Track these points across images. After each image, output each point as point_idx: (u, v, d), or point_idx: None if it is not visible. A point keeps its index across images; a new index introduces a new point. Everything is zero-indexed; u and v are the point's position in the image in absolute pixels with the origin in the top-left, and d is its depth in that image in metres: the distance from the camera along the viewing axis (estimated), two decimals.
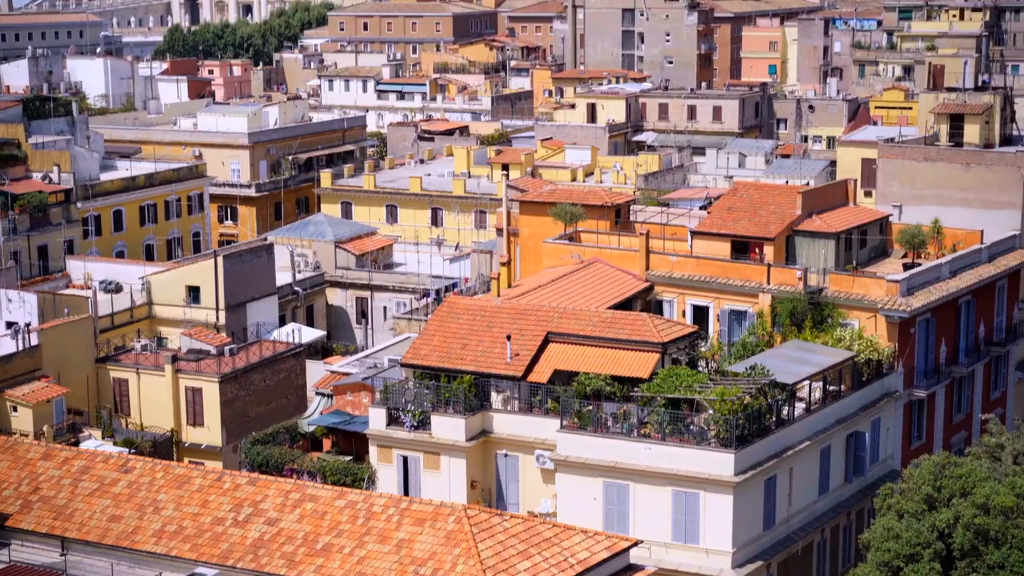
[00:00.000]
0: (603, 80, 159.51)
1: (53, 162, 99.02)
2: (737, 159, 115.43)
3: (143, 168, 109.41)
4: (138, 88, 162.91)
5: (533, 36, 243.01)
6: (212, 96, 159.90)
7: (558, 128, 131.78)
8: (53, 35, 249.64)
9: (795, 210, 64.97)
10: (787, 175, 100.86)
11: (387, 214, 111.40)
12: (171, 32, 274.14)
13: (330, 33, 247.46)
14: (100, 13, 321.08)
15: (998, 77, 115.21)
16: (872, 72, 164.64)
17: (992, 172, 74.81)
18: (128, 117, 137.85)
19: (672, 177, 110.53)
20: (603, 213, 69.75)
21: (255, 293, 79.20)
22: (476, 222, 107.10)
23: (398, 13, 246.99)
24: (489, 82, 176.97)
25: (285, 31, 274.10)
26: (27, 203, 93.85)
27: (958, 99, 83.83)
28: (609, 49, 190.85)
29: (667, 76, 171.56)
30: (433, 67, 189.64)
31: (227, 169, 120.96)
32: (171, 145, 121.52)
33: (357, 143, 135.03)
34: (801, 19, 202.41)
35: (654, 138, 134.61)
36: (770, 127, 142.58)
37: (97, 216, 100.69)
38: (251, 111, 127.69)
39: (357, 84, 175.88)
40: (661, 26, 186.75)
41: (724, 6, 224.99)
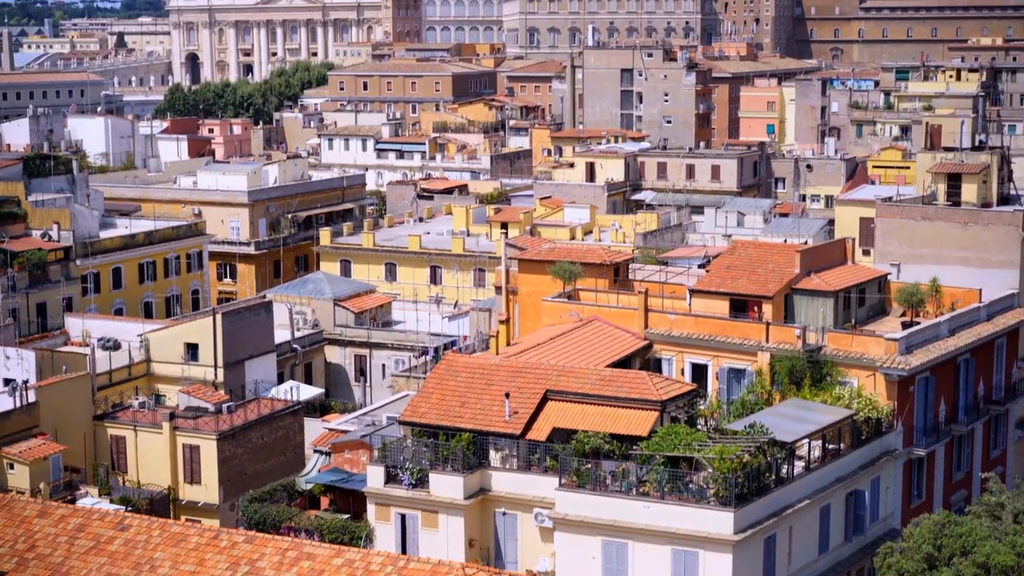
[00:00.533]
0: (602, 139, 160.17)
1: (53, 220, 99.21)
2: (736, 218, 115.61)
3: (142, 226, 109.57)
4: (138, 146, 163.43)
5: (532, 96, 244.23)
6: (212, 155, 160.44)
7: (557, 187, 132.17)
8: (54, 94, 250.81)
9: (793, 269, 65.03)
10: (785, 234, 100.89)
11: (386, 272, 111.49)
12: (172, 91, 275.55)
13: (330, 92, 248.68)
14: (101, 72, 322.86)
15: (995, 137, 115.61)
16: (870, 132, 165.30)
17: (990, 231, 74.90)
18: (128, 175, 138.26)
19: (671, 236, 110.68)
20: (602, 271, 69.75)
21: (253, 351, 79.07)
22: (475, 280, 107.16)
23: (398, 73, 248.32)
24: (488, 141, 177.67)
25: (285, 90, 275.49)
26: (26, 260, 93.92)
27: (955, 159, 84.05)
28: (608, 109, 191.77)
29: (666, 135, 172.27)
30: (432, 126, 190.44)
31: (226, 227, 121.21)
32: (171, 203, 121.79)
33: (356, 201, 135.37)
34: (799, 80, 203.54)
35: (653, 197, 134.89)
36: (768, 186, 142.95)
37: (96, 274, 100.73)
38: (251, 169, 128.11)
39: (357, 143, 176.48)
40: (659, 86, 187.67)
41: (722, 66, 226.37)
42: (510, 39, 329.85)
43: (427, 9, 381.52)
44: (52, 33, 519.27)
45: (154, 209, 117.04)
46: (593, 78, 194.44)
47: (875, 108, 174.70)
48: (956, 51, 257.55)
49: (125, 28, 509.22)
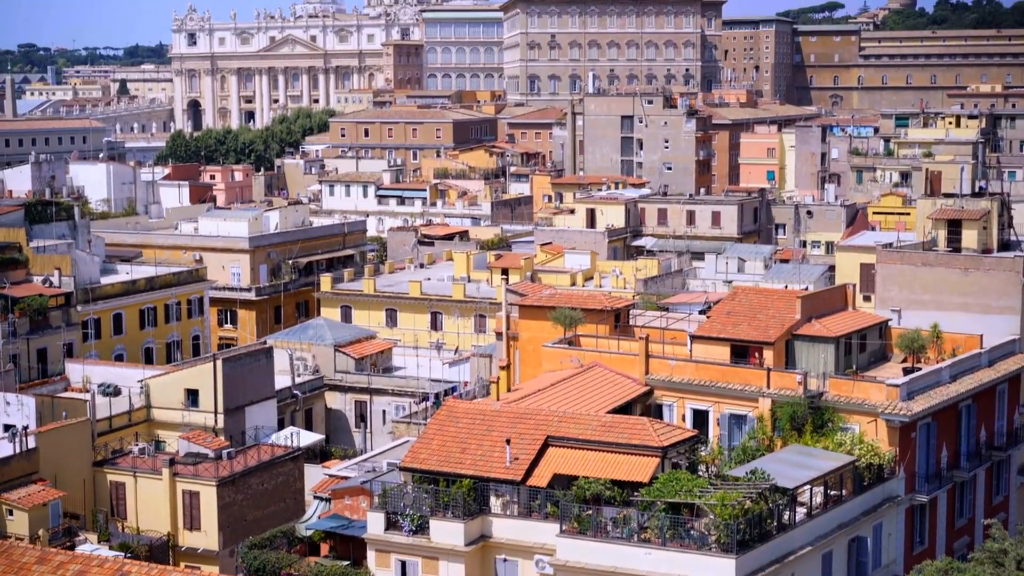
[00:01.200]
0: (602, 186, 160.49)
1: (54, 266, 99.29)
2: (736, 264, 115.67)
3: (143, 272, 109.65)
4: (140, 193, 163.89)
5: (533, 142, 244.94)
6: (213, 201, 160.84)
7: (557, 233, 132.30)
8: (57, 141, 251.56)
9: (794, 314, 65.03)
10: (786, 280, 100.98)
11: (387, 318, 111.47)
12: (174, 138, 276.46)
13: (331, 139, 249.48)
14: (104, 119, 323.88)
15: (995, 183, 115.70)
16: (870, 178, 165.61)
17: (990, 277, 74.91)
18: (129, 221, 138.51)
19: (671, 282, 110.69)
20: (602, 317, 69.76)
21: (254, 396, 78.93)
22: (476, 326, 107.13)
23: (399, 120, 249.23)
24: (489, 187, 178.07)
25: (287, 137, 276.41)
26: (27, 306, 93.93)
27: (955, 205, 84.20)
28: (608, 155, 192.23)
29: (666, 182, 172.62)
30: (433, 172, 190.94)
31: (227, 273, 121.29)
32: (172, 249, 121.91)
33: (357, 247, 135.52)
34: (799, 126, 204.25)
35: (653, 243, 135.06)
36: (769, 232, 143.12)
37: (97, 319, 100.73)
38: (252, 216, 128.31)
39: (358, 189, 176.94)
40: (660, 133, 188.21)
41: (722, 113, 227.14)
42: (511, 86, 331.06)
43: (428, 57, 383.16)
44: (55, 80, 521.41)
45: (155, 255, 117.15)
46: (593, 125, 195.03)
47: (875, 154, 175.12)
48: (955, 98, 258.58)
49: (128, 75, 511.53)
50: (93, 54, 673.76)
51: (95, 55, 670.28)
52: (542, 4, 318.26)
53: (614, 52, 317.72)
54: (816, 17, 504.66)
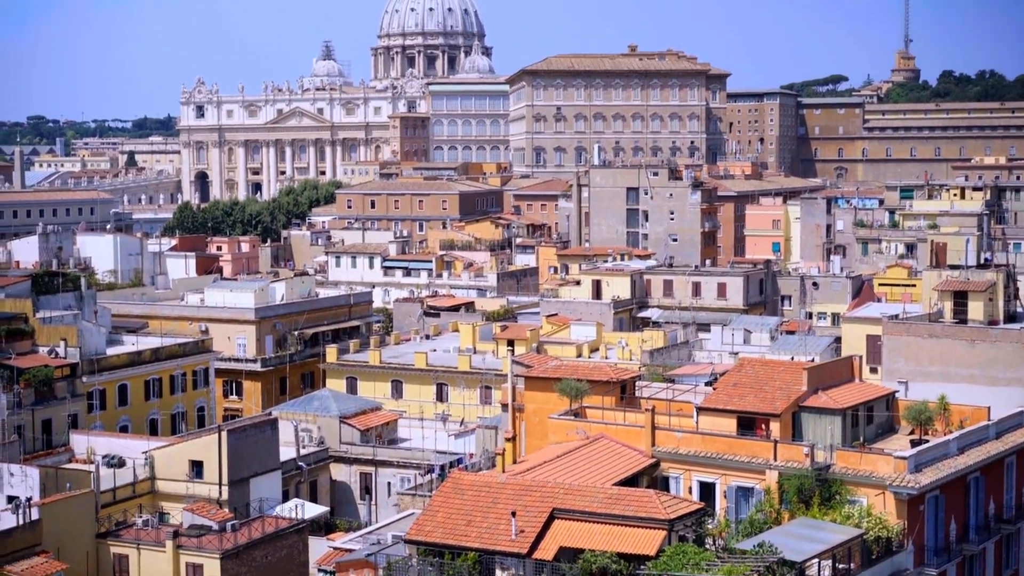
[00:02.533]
0: (608, 257, 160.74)
1: (60, 336, 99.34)
2: (742, 335, 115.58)
3: (149, 343, 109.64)
4: (147, 264, 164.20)
5: (538, 214, 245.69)
6: (220, 272, 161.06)
7: (563, 304, 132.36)
8: (65, 212, 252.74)
9: (801, 386, 64.84)
10: (792, 351, 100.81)
11: (392, 389, 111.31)
12: (181, 209, 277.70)
13: (338, 210, 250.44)
14: (111, 191, 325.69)
15: (1000, 255, 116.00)
16: (875, 250, 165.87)
17: (997, 349, 74.79)
18: (136, 292, 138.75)
19: (677, 353, 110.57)
20: (608, 389, 69.59)
21: (258, 468, 78.66)
22: (481, 398, 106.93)
23: (405, 191, 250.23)
24: (495, 259, 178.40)
25: (294, 208, 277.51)
26: (32, 377, 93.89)
27: (961, 276, 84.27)
28: (614, 227, 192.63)
29: (671, 253, 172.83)
30: (439, 244, 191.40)
31: (233, 344, 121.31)
32: (178, 320, 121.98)
33: (363, 319, 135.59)
34: (804, 198, 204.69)
35: (659, 314, 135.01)
36: (775, 304, 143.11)
37: (102, 390, 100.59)
38: (258, 287, 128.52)
39: (364, 260, 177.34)
40: (665, 204, 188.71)
41: (727, 185, 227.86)
42: (517, 158, 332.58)
43: (434, 129, 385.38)
44: (64, 152, 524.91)
45: (161, 326, 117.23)
46: (599, 196, 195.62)
47: (880, 226, 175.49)
48: (960, 170, 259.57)
49: (136, 147, 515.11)
50: (102, 126, 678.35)
51: (104, 127, 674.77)
52: (548, 77, 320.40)
53: (619, 124, 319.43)
54: (820, 90, 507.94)
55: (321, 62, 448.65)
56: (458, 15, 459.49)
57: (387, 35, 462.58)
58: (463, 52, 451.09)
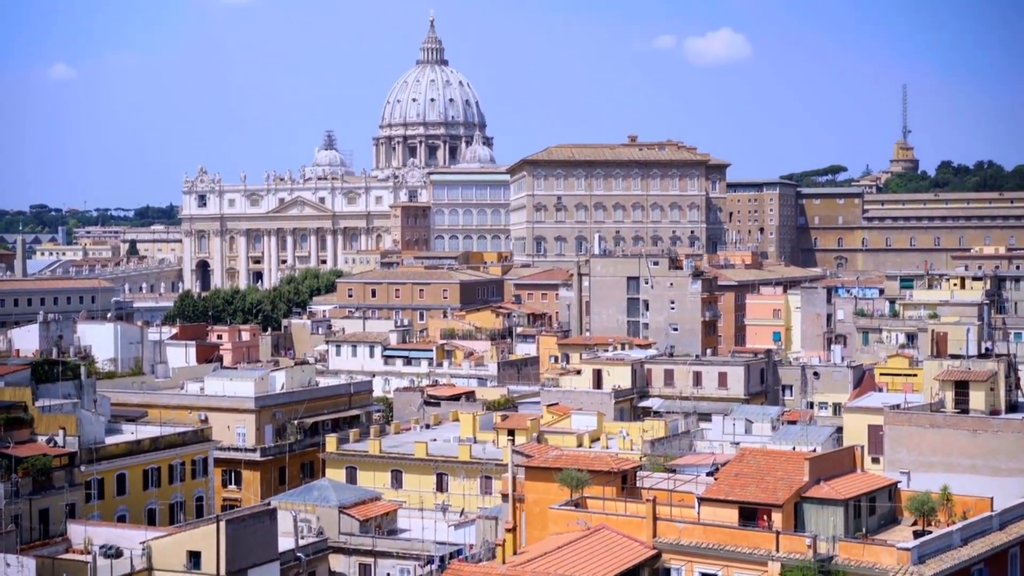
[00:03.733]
0: (608, 346, 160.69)
1: (59, 425, 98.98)
2: (743, 425, 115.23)
3: (148, 432, 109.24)
4: (147, 352, 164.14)
5: (539, 303, 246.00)
6: (220, 360, 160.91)
7: (564, 394, 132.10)
8: (66, 300, 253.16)
9: (803, 476, 64.58)
10: (794, 441, 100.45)
11: (392, 479, 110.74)
12: (182, 298, 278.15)
13: (339, 299, 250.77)
14: (113, 279, 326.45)
15: (1001, 344, 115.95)
16: (876, 339, 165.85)
17: (999, 439, 74.56)
18: (136, 381, 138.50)
19: (678, 443, 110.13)
20: (609, 479, 69.29)
21: (257, 559, 77.99)
22: (481, 488, 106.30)
23: (406, 280, 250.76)
24: (495, 348, 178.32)
25: (295, 297, 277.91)
26: (31, 466, 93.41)
27: (962, 366, 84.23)
28: (614, 316, 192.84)
29: (672, 343, 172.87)
30: (440, 333, 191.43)
31: (232, 433, 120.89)
32: (177, 409, 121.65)
33: (363, 408, 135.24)
34: (804, 288, 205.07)
35: (660, 404, 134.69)
36: (776, 393, 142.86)
37: (100, 480, 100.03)
38: (258, 376, 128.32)
39: (364, 349, 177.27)
40: (666, 294, 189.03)
41: (727, 275, 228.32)
42: (517, 247, 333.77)
43: (435, 218, 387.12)
44: (66, 240, 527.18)
45: (160, 415, 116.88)
46: (599, 285, 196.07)
47: (880, 316, 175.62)
48: (959, 260, 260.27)
49: (138, 235, 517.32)
50: (104, 215, 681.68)
51: (106, 216, 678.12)
52: (548, 167, 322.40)
53: (620, 214, 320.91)
54: (819, 180, 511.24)
55: (323, 151, 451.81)
56: (459, 106, 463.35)
57: (389, 125, 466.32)
58: (464, 142, 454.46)
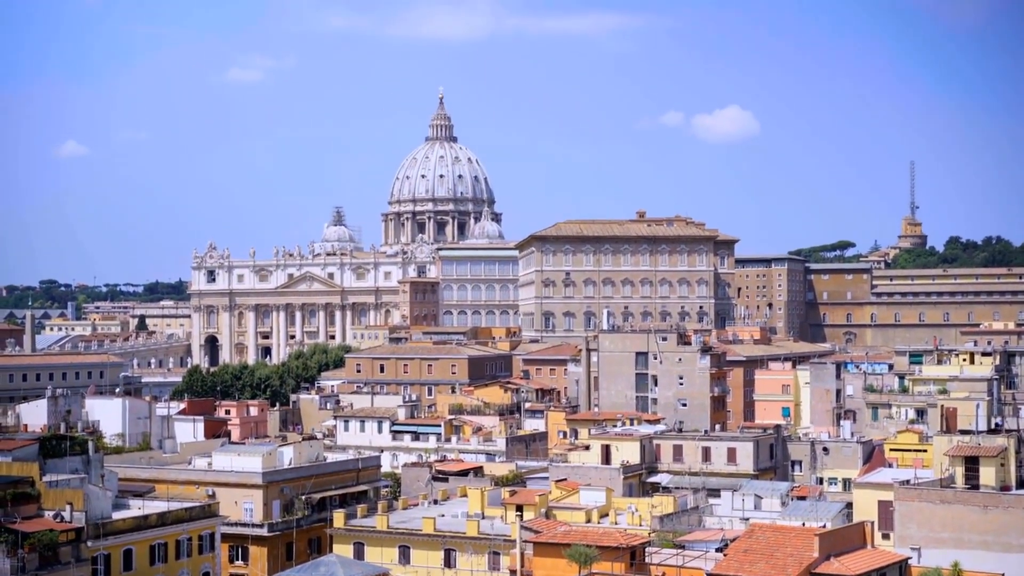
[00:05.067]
0: (617, 422, 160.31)
1: (66, 500, 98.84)
2: (753, 501, 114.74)
3: (155, 507, 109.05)
4: (155, 427, 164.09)
5: (547, 378, 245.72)
6: (228, 436, 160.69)
7: (572, 469, 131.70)
8: (74, 375, 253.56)
9: (812, 552, 64.29)
10: (803, 517, 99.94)
11: (399, 555, 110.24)
12: (190, 373, 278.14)
13: (347, 374, 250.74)
14: (121, 354, 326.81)
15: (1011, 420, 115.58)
16: (885, 415, 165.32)
17: (1010, 515, 74.23)
18: (143, 456, 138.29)
19: (687, 519, 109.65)
20: (618, 555, 69.04)
21: None
22: (490, 564, 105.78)
23: (414, 356, 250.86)
24: (503, 423, 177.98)
25: (303, 372, 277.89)
26: (37, 542, 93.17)
27: (972, 442, 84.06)
28: (623, 391, 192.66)
29: (681, 418, 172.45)
30: (448, 408, 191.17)
31: (240, 508, 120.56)
32: (185, 484, 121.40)
33: (371, 483, 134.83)
34: (813, 363, 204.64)
35: (669, 479, 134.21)
36: (785, 469, 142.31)
37: (107, 555, 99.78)
38: (266, 451, 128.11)
39: (372, 424, 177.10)
40: (674, 369, 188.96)
41: (736, 350, 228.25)
42: (526, 323, 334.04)
43: (444, 294, 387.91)
44: (75, 316, 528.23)
45: (168, 490, 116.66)
46: (608, 361, 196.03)
47: (890, 391, 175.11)
48: (969, 335, 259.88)
49: (147, 311, 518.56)
50: (113, 290, 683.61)
51: (115, 291, 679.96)
52: (557, 243, 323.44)
53: (628, 289, 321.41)
54: (828, 256, 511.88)
55: (332, 227, 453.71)
56: (468, 182, 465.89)
57: (398, 201, 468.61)
58: (473, 218, 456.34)
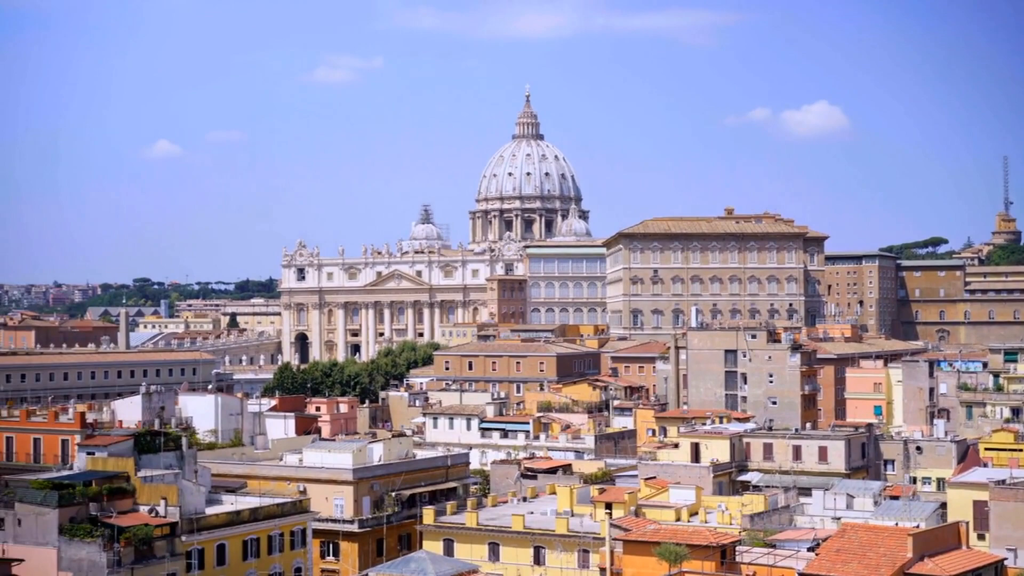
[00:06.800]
0: (706, 420, 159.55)
1: (161, 495, 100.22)
2: (844, 500, 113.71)
3: (248, 503, 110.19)
4: (246, 424, 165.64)
5: (636, 376, 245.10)
6: (318, 432, 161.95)
7: (662, 467, 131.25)
8: (167, 372, 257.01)
9: (906, 553, 63.58)
10: (896, 517, 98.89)
11: (489, 552, 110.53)
12: (281, 370, 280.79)
13: (435, 372, 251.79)
14: (213, 351, 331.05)
15: None
16: (980, 414, 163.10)
17: None
18: (235, 452, 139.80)
19: (778, 518, 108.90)
20: (708, 554, 68.71)
21: None
22: (579, 561, 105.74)
23: (503, 353, 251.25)
24: (592, 421, 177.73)
25: (392, 370, 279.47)
26: (132, 536, 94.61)
27: None
28: (712, 389, 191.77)
29: (771, 416, 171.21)
30: (537, 406, 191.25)
31: (330, 504, 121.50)
32: (276, 480, 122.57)
33: (460, 480, 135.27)
34: (905, 361, 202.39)
35: (759, 478, 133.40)
36: (877, 468, 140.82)
37: (201, 550, 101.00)
38: (356, 447, 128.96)
39: (461, 422, 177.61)
40: (764, 367, 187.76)
41: (827, 348, 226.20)
42: (614, 320, 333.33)
43: (531, 291, 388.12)
44: (168, 313, 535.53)
45: (259, 486, 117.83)
46: (697, 359, 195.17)
47: (984, 390, 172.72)
48: None
49: (238, 309, 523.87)
50: (205, 288, 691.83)
51: (207, 289, 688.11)
52: (645, 240, 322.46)
53: (717, 287, 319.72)
54: (919, 252, 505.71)
55: (420, 225, 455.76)
56: (555, 180, 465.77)
57: (485, 199, 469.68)
58: (560, 215, 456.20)
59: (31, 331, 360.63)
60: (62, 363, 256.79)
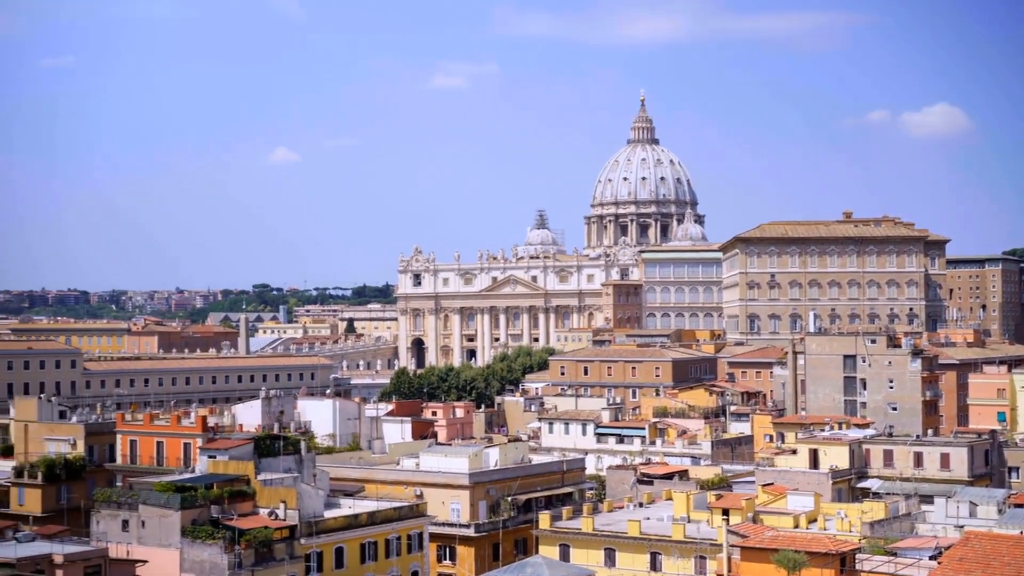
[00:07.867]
0: (825, 426, 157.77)
1: (280, 499, 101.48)
2: (967, 508, 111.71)
3: (365, 506, 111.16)
4: (364, 428, 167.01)
5: (753, 381, 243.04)
6: (435, 437, 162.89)
7: (779, 473, 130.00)
8: (286, 377, 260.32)
9: None
10: (1022, 526, 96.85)
11: (605, 557, 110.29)
12: (398, 375, 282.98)
13: (551, 377, 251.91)
14: (331, 356, 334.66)
15: None
16: None
17: None
18: (353, 456, 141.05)
19: (899, 525, 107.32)
20: (828, 561, 67.95)
21: None
22: (696, 568, 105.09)
23: (618, 358, 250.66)
24: (709, 426, 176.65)
25: (507, 375, 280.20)
26: (253, 538, 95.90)
27: None
28: (830, 395, 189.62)
29: (891, 422, 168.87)
30: (653, 411, 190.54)
31: (447, 509, 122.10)
32: (393, 484, 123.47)
33: (576, 485, 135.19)
34: None
35: (879, 485, 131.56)
36: (1001, 476, 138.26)
37: (319, 553, 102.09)
38: (472, 452, 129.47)
39: (577, 427, 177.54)
40: (884, 372, 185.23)
41: (948, 353, 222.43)
42: (730, 325, 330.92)
43: (647, 296, 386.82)
44: (286, 319, 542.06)
45: (377, 490, 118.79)
46: (815, 364, 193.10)
47: None
48: None
49: (355, 314, 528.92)
50: (323, 294, 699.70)
51: (325, 295, 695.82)
52: (761, 244, 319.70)
53: (835, 291, 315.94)
54: None
55: (535, 231, 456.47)
56: (671, 184, 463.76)
57: (600, 204, 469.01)
58: (675, 220, 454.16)
59: (154, 336, 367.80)
60: (184, 368, 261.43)
